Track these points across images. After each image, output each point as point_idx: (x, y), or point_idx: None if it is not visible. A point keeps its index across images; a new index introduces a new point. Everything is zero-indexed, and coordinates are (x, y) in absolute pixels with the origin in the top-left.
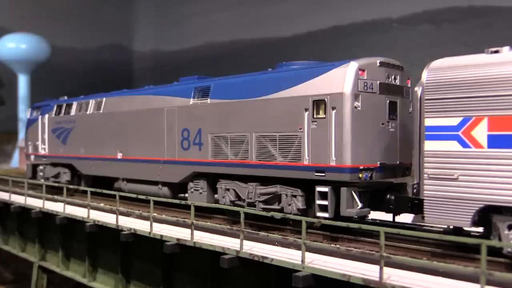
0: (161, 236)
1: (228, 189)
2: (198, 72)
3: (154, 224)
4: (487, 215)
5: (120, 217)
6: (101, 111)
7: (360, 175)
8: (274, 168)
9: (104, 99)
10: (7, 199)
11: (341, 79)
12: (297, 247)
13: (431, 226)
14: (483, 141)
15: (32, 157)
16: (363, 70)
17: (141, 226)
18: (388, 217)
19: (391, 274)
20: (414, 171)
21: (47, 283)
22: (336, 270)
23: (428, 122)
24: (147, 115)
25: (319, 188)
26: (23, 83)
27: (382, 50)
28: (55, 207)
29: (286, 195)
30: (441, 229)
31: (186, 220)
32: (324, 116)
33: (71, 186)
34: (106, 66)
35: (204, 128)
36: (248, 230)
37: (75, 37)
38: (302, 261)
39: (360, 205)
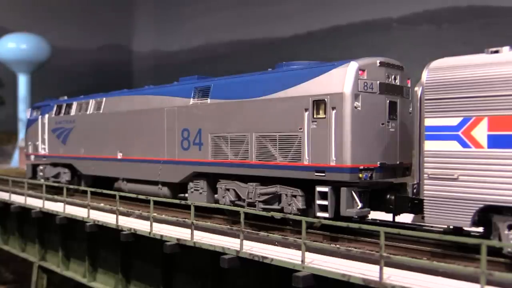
0: (161, 236)
1: (228, 189)
2: (198, 72)
3: (154, 224)
4: (487, 215)
5: (120, 217)
6: (101, 111)
7: (360, 175)
8: (274, 168)
9: (104, 99)
10: (7, 199)
11: (341, 79)
12: (297, 247)
13: (431, 226)
14: (483, 141)
15: (32, 157)
16: (363, 70)
17: (141, 226)
18: (388, 217)
19: (391, 274)
20: (414, 171)
21: (47, 283)
22: (336, 270)
23: (428, 122)
24: (147, 115)
25: (319, 188)
26: (23, 83)
27: (382, 50)
28: (55, 207)
29: (286, 195)
30: (441, 229)
31: (186, 220)
32: (324, 116)
33: (71, 186)
34: (106, 66)
35: (204, 128)
36: (248, 230)
37: (75, 37)
38: (302, 261)
39: (360, 205)
